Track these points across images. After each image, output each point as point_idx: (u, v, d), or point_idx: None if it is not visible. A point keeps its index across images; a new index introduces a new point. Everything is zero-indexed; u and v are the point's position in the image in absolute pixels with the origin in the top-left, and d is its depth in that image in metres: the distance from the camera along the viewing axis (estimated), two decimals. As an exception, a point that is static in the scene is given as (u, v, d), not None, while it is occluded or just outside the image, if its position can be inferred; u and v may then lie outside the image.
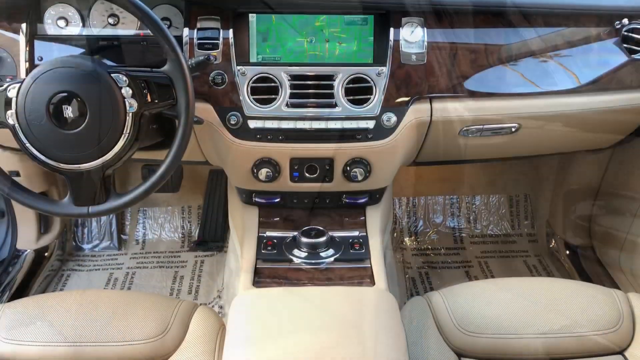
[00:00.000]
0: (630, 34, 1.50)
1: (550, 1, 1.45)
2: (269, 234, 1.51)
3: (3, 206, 2.19)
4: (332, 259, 1.42)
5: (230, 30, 1.39)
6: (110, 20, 1.44)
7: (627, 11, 1.49)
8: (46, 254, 2.25)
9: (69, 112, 1.15)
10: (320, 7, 1.40)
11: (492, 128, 1.51)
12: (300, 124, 1.40)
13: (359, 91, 1.40)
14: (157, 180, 1.21)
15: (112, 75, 1.16)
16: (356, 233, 1.52)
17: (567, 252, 2.31)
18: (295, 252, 1.43)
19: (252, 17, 1.41)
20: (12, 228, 2.18)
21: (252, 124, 1.40)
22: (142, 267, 2.36)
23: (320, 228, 1.47)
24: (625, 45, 1.50)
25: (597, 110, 1.53)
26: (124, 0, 1.15)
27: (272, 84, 1.39)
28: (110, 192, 1.23)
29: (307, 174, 1.49)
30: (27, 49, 1.41)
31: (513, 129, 1.53)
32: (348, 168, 1.47)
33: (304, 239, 1.43)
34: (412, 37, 1.40)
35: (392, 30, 1.40)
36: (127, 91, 1.17)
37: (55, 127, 1.15)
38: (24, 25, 1.41)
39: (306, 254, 1.42)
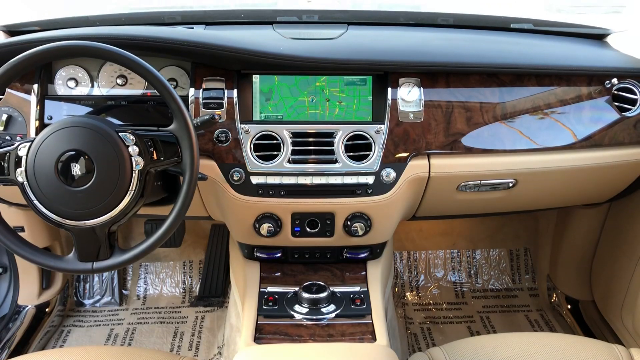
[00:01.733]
0: (620, 93, 1.56)
1: (542, 62, 1.51)
2: (270, 289, 1.51)
3: (6, 261, 2.19)
4: (333, 314, 1.41)
5: (235, 90, 1.44)
6: (119, 81, 1.48)
7: (616, 71, 1.55)
8: (47, 310, 2.24)
9: (76, 169, 1.17)
10: (320, 69, 1.46)
11: (489, 183, 1.54)
12: (302, 180, 1.43)
13: (358, 148, 1.44)
14: (161, 236, 1.22)
15: (119, 134, 1.19)
16: (357, 288, 1.52)
17: (569, 306, 2.30)
18: (297, 307, 1.43)
19: (256, 78, 1.47)
20: (14, 283, 2.18)
21: (255, 179, 1.43)
22: (143, 323, 2.34)
23: (322, 283, 1.47)
24: (616, 103, 1.55)
25: (592, 166, 1.56)
26: (133, 62, 1.18)
27: (275, 141, 1.43)
28: (114, 248, 1.24)
29: (308, 229, 1.51)
30: (38, 108, 1.44)
31: (510, 185, 1.56)
32: (349, 223, 1.49)
33: (305, 295, 1.43)
34: (409, 96, 1.45)
35: (389, 89, 1.45)
36: (133, 149, 1.19)
37: (63, 184, 1.17)
38: (35, 86, 1.45)
39: (307, 309, 1.42)
